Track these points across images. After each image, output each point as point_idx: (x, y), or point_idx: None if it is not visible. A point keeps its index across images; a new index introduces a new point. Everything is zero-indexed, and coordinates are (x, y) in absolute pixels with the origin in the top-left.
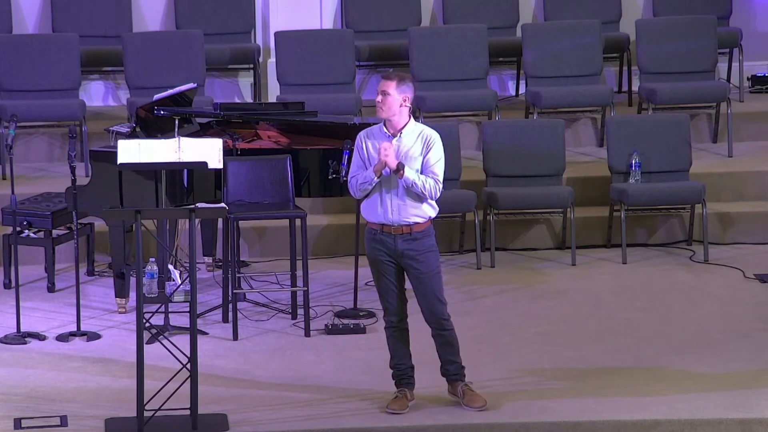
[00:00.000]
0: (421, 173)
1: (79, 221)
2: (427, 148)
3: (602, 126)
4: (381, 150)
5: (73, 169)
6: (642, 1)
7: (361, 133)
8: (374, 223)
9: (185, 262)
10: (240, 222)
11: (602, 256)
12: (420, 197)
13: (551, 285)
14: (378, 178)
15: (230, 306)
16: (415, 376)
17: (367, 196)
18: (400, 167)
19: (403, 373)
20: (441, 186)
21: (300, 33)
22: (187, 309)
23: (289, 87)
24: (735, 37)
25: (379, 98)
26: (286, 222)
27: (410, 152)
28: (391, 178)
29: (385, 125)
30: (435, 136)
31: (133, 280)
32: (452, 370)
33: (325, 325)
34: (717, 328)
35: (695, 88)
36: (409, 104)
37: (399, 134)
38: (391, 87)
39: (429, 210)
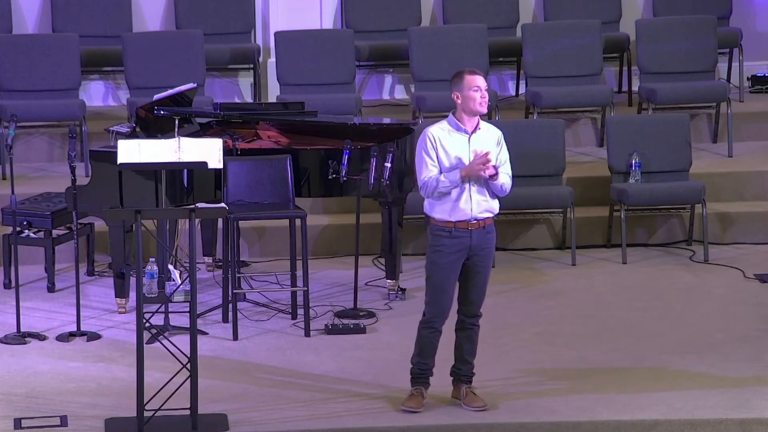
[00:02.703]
0: None
1: (79, 221)
2: (500, 146)
3: (602, 126)
4: (479, 158)
5: (73, 169)
6: (642, 1)
7: (430, 132)
8: (446, 221)
9: (185, 262)
10: (240, 222)
11: (602, 256)
12: (495, 193)
13: (551, 285)
14: (463, 182)
15: (230, 306)
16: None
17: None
18: (496, 172)
19: (422, 373)
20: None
21: (300, 33)
22: (187, 309)
23: (289, 87)
24: (735, 37)
25: (485, 94)
26: (286, 222)
27: (488, 148)
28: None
29: (459, 120)
30: (501, 134)
31: (133, 280)
32: (464, 370)
33: (325, 325)
34: (717, 328)
35: (695, 88)
36: None
37: (476, 130)
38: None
39: (498, 204)
